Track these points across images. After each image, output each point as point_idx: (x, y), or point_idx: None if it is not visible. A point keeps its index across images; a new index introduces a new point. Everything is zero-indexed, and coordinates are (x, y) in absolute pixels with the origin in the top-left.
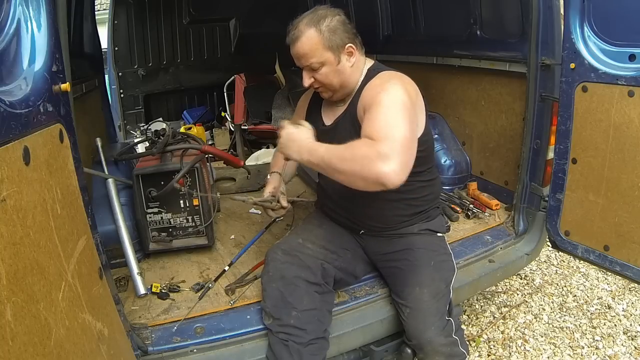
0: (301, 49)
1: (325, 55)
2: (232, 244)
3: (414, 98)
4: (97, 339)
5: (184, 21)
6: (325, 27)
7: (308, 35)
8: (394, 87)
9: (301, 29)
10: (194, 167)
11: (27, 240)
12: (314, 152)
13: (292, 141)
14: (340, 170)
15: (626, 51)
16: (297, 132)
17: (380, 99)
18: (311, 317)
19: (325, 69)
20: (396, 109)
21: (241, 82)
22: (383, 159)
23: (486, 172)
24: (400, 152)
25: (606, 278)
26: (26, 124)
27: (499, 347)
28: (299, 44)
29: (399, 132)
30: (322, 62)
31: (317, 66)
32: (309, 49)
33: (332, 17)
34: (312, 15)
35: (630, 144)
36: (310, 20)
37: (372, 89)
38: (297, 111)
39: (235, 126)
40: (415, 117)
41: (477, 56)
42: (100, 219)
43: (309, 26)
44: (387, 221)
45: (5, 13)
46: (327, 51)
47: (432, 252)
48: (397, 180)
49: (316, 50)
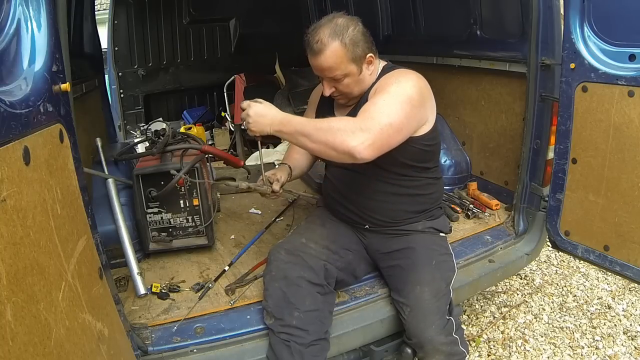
0: (325, 63)
1: (349, 68)
2: (232, 244)
3: (425, 95)
4: (97, 339)
5: (184, 21)
6: (348, 40)
7: (332, 49)
8: (407, 81)
9: (324, 42)
10: (194, 167)
11: (27, 240)
12: (286, 123)
13: (261, 116)
14: (314, 140)
15: (626, 51)
16: (264, 107)
17: (389, 88)
18: (313, 318)
19: (347, 80)
20: (398, 99)
21: (241, 82)
22: (357, 132)
23: (486, 172)
24: (377, 132)
25: (606, 278)
26: (26, 124)
27: (499, 347)
28: (323, 58)
29: (386, 117)
30: (345, 74)
31: (341, 77)
32: (333, 62)
33: (354, 28)
34: (333, 26)
35: (630, 144)
36: (333, 32)
37: (385, 80)
38: (309, 105)
39: (235, 126)
40: (420, 114)
41: (477, 56)
42: (100, 219)
43: (333, 39)
44: (392, 215)
45: (5, 13)
46: (351, 64)
47: (434, 251)
48: (366, 154)
49: (341, 63)
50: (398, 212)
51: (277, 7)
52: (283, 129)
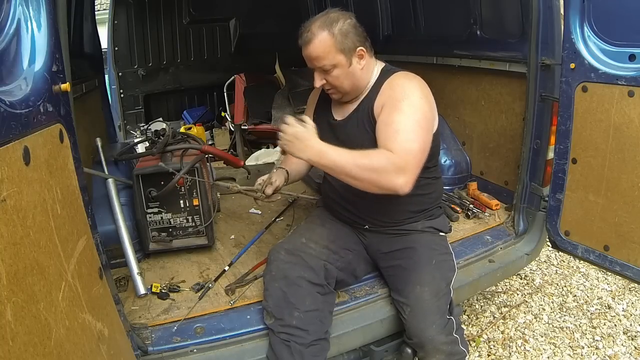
0: (314, 52)
1: (338, 58)
2: (232, 244)
3: (431, 102)
4: (97, 339)
5: (184, 21)
6: (337, 31)
7: (321, 38)
8: (413, 93)
9: (314, 32)
10: (194, 167)
11: (27, 240)
12: (324, 155)
13: (298, 139)
14: (356, 177)
15: (626, 51)
16: (303, 132)
17: (402, 106)
18: (313, 318)
19: (337, 71)
20: (415, 118)
21: (241, 82)
22: (399, 172)
23: (486, 172)
24: (415, 166)
25: (606, 278)
26: (26, 124)
27: (499, 347)
28: (312, 47)
29: (415, 144)
30: (334, 65)
31: (329, 68)
32: (321, 51)
33: (344, 21)
34: (324, 18)
35: (630, 144)
36: (323, 23)
37: (393, 88)
38: (308, 106)
39: (235, 126)
40: (432, 124)
41: (477, 56)
42: (100, 219)
43: (322, 29)
44: (392, 215)
45: (5, 13)
46: (339, 54)
47: (434, 250)
48: (408, 189)
49: (329, 52)
50: (398, 212)
51: (277, 7)
52: (320, 161)
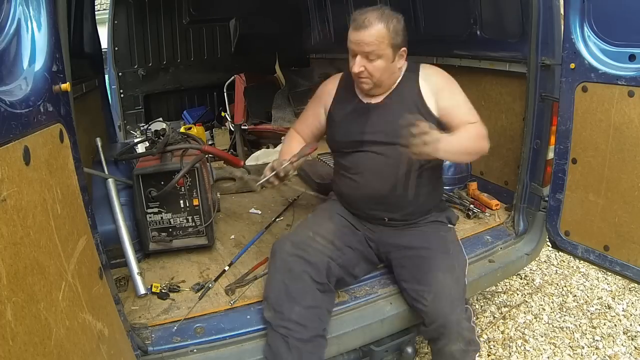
0: (368, 37)
1: (386, 51)
2: (232, 244)
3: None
4: (97, 339)
5: (184, 21)
6: (392, 27)
7: (378, 28)
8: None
9: (371, 21)
10: (194, 167)
11: (28, 240)
12: (455, 145)
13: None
14: (473, 152)
15: (626, 51)
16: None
17: (455, 89)
18: (313, 315)
19: (380, 62)
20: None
21: (241, 82)
22: (486, 137)
23: (486, 172)
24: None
25: (606, 278)
26: (26, 124)
27: (499, 347)
28: (367, 32)
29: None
30: (380, 55)
31: (374, 58)
32: (375, 39)
33: (397, 20)
34: (380, 12)
35: (630, 144)
36: (381, 15)
37: (437, 74)
38: (320, 96)
39: (235, 126)
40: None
41: (477, 56)
42: (100, 219)
43: (380, 21)
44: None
45: (5, 13)
46: (389, 48)
47: (450, 242)
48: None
49: (381, 43)
50: (424, 205)
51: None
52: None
